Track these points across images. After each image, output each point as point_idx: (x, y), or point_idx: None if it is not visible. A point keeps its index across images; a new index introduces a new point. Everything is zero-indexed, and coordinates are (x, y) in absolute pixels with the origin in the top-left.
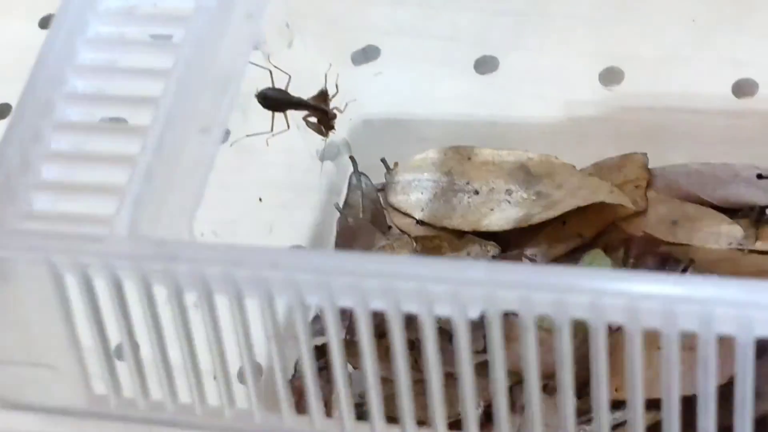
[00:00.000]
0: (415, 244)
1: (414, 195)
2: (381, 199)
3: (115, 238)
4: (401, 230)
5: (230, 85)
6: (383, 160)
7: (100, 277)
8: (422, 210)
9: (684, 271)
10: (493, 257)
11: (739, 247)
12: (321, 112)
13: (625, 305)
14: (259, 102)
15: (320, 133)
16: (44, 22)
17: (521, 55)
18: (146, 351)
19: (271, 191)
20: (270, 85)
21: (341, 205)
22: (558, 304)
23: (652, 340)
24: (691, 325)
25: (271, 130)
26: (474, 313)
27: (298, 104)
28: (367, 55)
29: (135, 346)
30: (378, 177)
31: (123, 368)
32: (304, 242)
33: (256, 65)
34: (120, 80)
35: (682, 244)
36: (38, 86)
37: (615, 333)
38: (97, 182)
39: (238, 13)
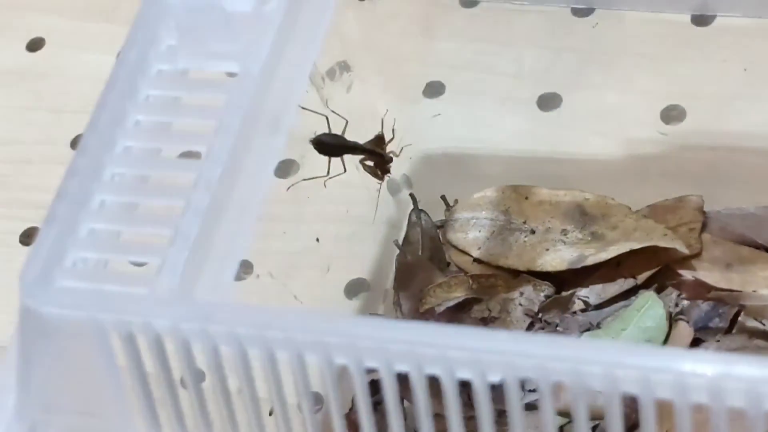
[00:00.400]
0: (471, 282)
1: (472, 233)
2: (440, 236)
3: (156, 298)
4: (459, 268)
5: (280, 131)
6: (443, 198)
7: (141, 334)
8: (479, 248)
9: (735, 316)
10: (546, 297)
11: None
12: (377, 156)
13: (674, 380)
14: (315, 148)
15: (376, 176)
16: None
17: (584, 92)
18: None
19: (329, 228)
20: (326, 131)
21: (401, 241)
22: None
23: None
24: (739, 402)
25: (327, 173)
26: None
27: (354, 149)
28: (432, 91)
29: (175, 397)
30: (438, 214)
31: (164, 417)
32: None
33: (313, 111)
34: (176, 116)
35: (733, 290)
36: (89, 148)
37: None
38: (145, 236)
39: (281, 75)
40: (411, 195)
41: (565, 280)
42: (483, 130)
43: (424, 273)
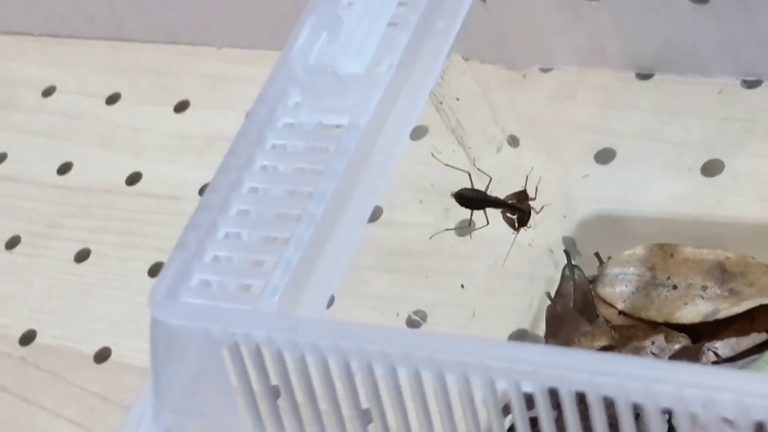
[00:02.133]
0: (613, 332)
1: (619, 287)
2: (592, 290)
3: (258, 313)
4: (606, 319)
5: (382, 177)
6: (597, 255)
7: (243, 344)
8: (624, 301)
9: None
10: (680, 347)
11: None
12: (517, 211)
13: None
14: (457, 201)
15: (512, 227)
16: None
17: (747, 159)
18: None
19: (475, 278)
20: (470, 186)
21: (553, 294)
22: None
23: None
24: None
25: (469, 225)
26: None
27: (495, 203)
28: (605, 156)
29: (274, 406)
30: (594, 270)
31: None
32: (507, 327)
33: (456, 168)
34: (292, 162)
35: None
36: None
37: None
38: (256, 262)
39: (385, 128)
40: (565, 251)
41: (703, 333)
42: (647, 194)
43: (572, 323)
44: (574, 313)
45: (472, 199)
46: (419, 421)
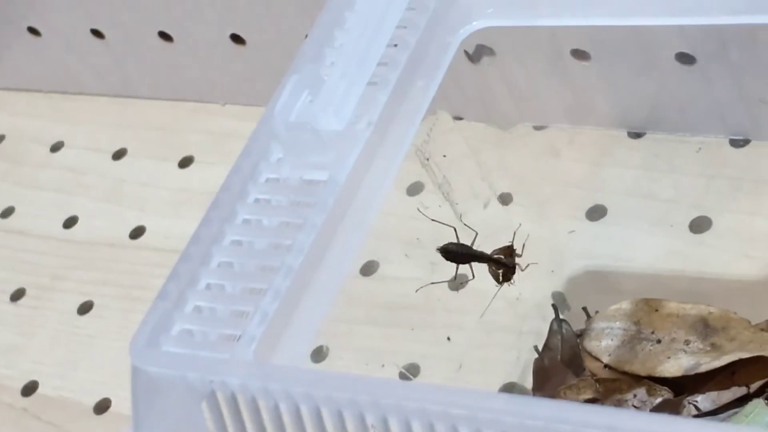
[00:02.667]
0: (597, 385)
1: (605, 341)
2: (579, 343)
3: (234, 361)
4: (592, 372)
5: (364, 227)
6: (584, 309)
7: (219, 391)
8: (609, 355)
9: None
10: (662, 400)
11: None
12: (501, 266)
13: None
14: (442, 255)
15: (496, 280)
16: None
17: (734, 216)
18: None
19: (462, 332)
20: (455, 240)
21: (541, 347)
22: None
23: None
24: None
25: (455, 279)
26: None
27: (480, 257)
28: (596, 213)
29: None
30: (581, 323)
31: None
32: (495, 380)
33: (442, 223)
34: (273, 216)
35: None
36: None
37: None
38: (236, 310)
39: (363, 184)
40: (553, 305)
41: (685, 386)
42: (636, 250)
43: (559, 376)
44: (561, 366)
45: (457, 254)
46: None
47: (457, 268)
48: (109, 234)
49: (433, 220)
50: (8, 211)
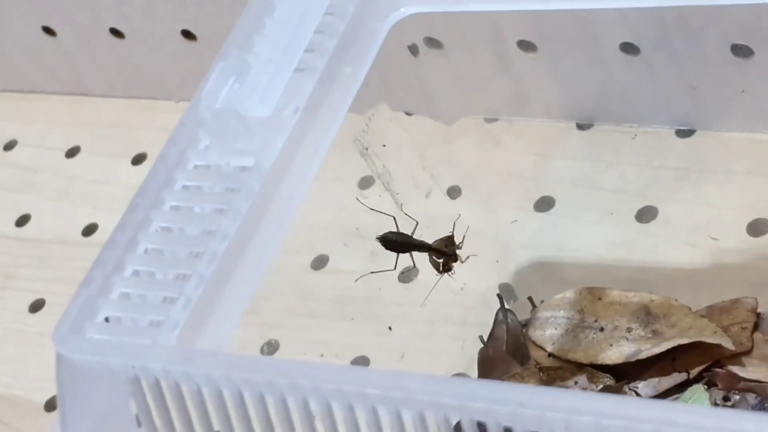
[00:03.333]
0: (541, 373)
1: (549, 330)
2: (524, 333)
3: (156, 346)
4: (536, 361)
5: (290, 213)
6: (530, 299)
7: (142, 376)
8: (553, 344)
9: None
10: (602, 387)
11: None
12: (442, 255)
13: None
14: (382, 244)
15: (437, 269)
16: None
17: (679, 206)
18: None
19: (409, 323)
20: (395, 230)
21: (486, 337)
22: None
23: None
24: None
25: (395, 268)
26: None
27: (420, 246)
28: (544, 205)
29: None
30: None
31: None
32: (439, 371)
33: (381, 213)
34: (199, 202)
35: (760, 381)
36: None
37: None
38: (160, 296)
39: (289, 171)
40: (498, 295)
41: (627, 373)
42: (583, 240)
43: (504, 365)
44: (506, 356)
45: (396, 243)
46: None
47: (397, 258)
48: (62, 232)
49: (372, 209)
50: None
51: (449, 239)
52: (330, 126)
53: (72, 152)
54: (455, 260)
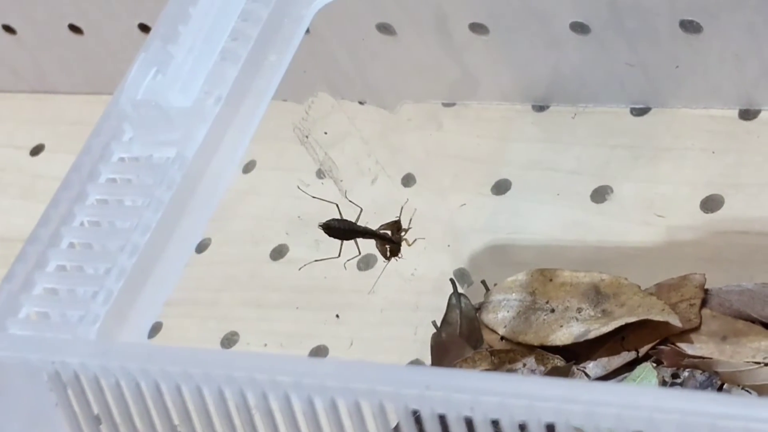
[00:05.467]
0: (492, 357)
1: (501, 313)
2: (478, 317)
3: (74, 341)
4: (489, 345)
5: (213, 203)
6: (483, 282)
7: (62, 371)
8: (505, 327)
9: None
10: (551, 369)
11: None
12: (387, 241)
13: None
14: (324, 232)
15: (384, 256)
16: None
17: (634, 184)
18: None
19: (361, 309)
20: (338, 217)
21: (439, 323)
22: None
23: None
24: None
25: (339, 255)
26: None
27: (364, 233)
28: (500, 187)
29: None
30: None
31: None
32: (389, 357)
33: (324, 200)
34: (121, 195)
35: (704, 357)
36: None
37: None
38: (82, 290)
39: (211, 161)
40: (451, 280)
41: (578, 354)
42: (539, 222)
43: (457, 350)
44: (459, 340)
45: (339, 230)
46: None
47: (341, 245)
48: (27, 230)
49: (314, 197)
50: None
51: (396, 224)
52: (254, 114)
53: (36, 150)
54: (398, 245)
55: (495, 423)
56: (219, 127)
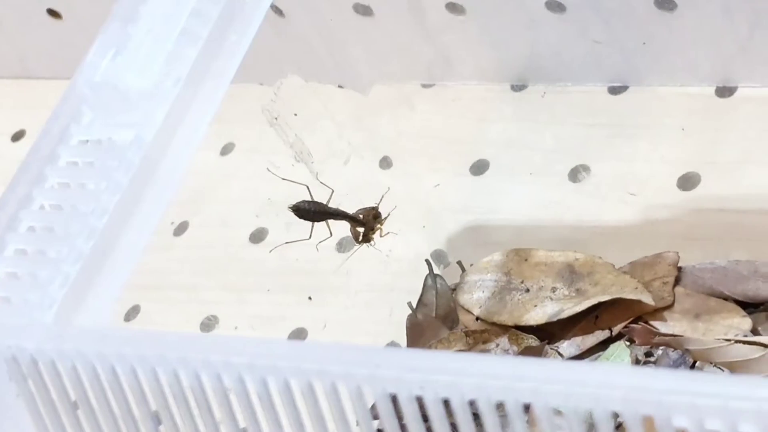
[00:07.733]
0: (467, 337)
1: (476, 294)
2: (453, 297)
3: (30, 325)
4: (465, 326)
5: (172, 185)
6: (459, 263)
7: (20, 357)
8: (480, 307)
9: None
10: (524, 348)
11: (742, 338)
12: (358, 224)
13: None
14: (294, 214)
15: (356, 239)
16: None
17: (611, 163)
18: None
19: (337, 291)
20: (308, 198)
21: (415, 304)
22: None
23: None
24: None
25: (309, 237)
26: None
27: (335, 215)
28: (479, 168)
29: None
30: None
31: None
32: (365, 339)
33: (294, 182)
34: (80, 178)
35: (675, 335)
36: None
37: None
38: (40, 274)
39: (171, 143)
40: (427, 261)
41: (553, 333)
42: (516, 202)
43: (433, 331)
44: (435, 321)
45: (309, 212)
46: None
47: (312, 227)
48: None
49: (284, 179)
50: None
51: (373, 211)
52: (214, 95)
53: (17, 136)
54: (371, 229)
55: (472, 403)
56: (178, 108)
